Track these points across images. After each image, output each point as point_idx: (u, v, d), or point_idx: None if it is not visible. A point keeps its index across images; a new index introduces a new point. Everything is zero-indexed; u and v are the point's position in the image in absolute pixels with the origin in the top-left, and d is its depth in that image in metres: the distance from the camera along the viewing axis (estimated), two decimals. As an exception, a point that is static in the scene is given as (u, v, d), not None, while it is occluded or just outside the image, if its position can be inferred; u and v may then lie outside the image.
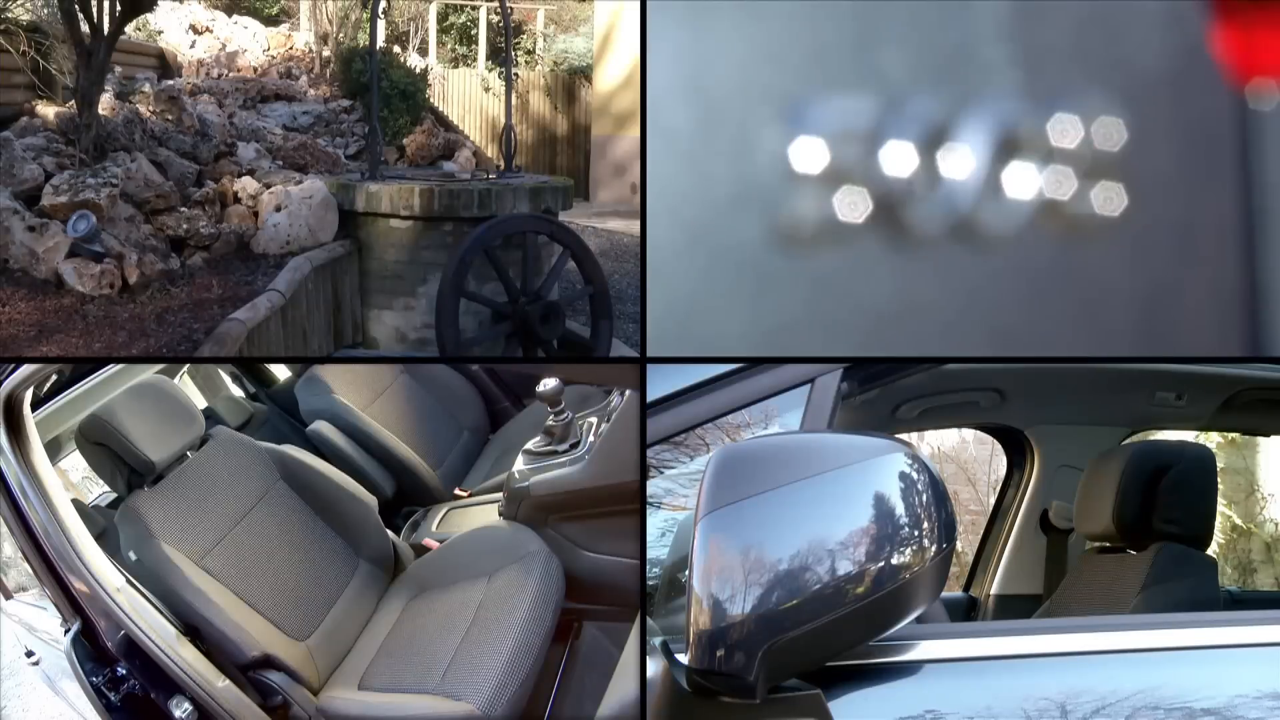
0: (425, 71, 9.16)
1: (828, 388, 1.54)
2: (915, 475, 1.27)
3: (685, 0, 1.41)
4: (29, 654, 3.16)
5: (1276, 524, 5.47)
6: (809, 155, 1.46)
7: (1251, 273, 1.80)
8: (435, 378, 4.16)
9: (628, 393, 2.70)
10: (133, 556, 2.51)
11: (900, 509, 1.26)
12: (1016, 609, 2.96)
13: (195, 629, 2.39)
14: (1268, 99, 1.80)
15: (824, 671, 1.31)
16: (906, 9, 1.57)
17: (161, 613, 2.36)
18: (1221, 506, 5.08)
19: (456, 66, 11.50)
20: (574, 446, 2.92)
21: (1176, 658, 1.51)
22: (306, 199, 4.90)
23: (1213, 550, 2.45)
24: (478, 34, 11.73)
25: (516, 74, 10.75)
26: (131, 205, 4.82)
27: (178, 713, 2.23)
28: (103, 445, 2.59)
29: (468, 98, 10.91)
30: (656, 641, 1.34)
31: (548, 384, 2.96)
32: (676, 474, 1.51)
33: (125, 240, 4.58)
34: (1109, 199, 1.67)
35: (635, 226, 8.69)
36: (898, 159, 1.51)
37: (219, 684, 2.28)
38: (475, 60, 11.68)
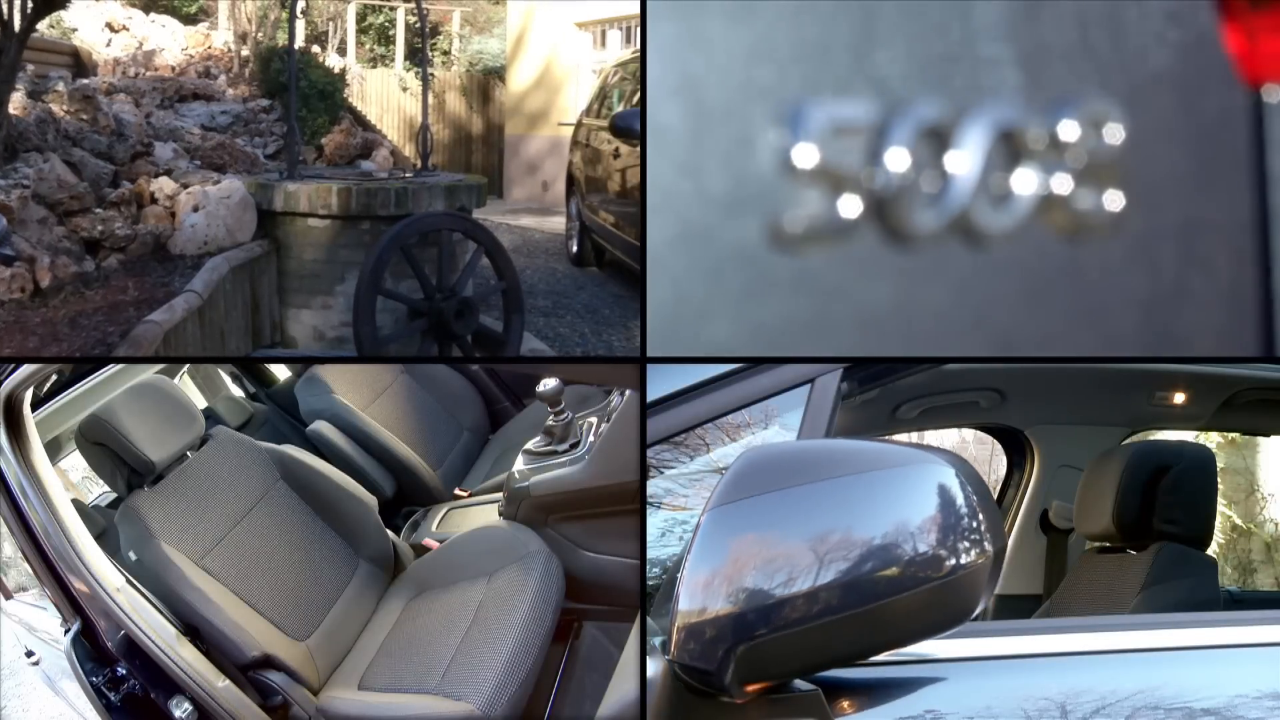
0: (344, 71, 9.17)
1: (828, 388, 1.53)
2: (941, 490, 1.20)
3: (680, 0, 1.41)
4: (29, 654, 3.16)
5: (1276, 524, 5.48)
6: (805, 154, 1.45)
7: (1266, 273, 1.78)
8: (435, 378, 4.16)
9: (628, 393, 2.70)
10: (133, 556, 2.51)
11: (909, 523, 1.19)
12: (1016, 609, 2.96)
13: (195, 629, 2.39)
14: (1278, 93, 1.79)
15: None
16: (906, 6, 1.56)
17: (161, 613, 2.36)
18: (1221, 506, 5.08)
19: (375, 66, 11.56)
20: (574, 446, 2.92)
21: (1176, 658, 1.51)
22: (224, 199, 4.86)
23: (1213, 550, 2.45)
24: (395, 34, 11.77)
25: (433, 74, 10.86)
26: (44, 207, 4.72)
27: (178, 713, 2.23)
28: (103, 445, 2.59)
29: (386, 97, 11.00)
30: (656, 641, 1.33)
31: (548, 384, 2.96)
32: (676, 474, 1.51)
33: (37, 243, 4.46)
34: (1115, 198, 1.66)
35: (547, 223, 8.78)
36: (897, 158, 1.51)
37: (219, 684, 2.28)
38: (393, 60, 11.74)
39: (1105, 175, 1.65)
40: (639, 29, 10.15)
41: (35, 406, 2.87)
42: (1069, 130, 1.62)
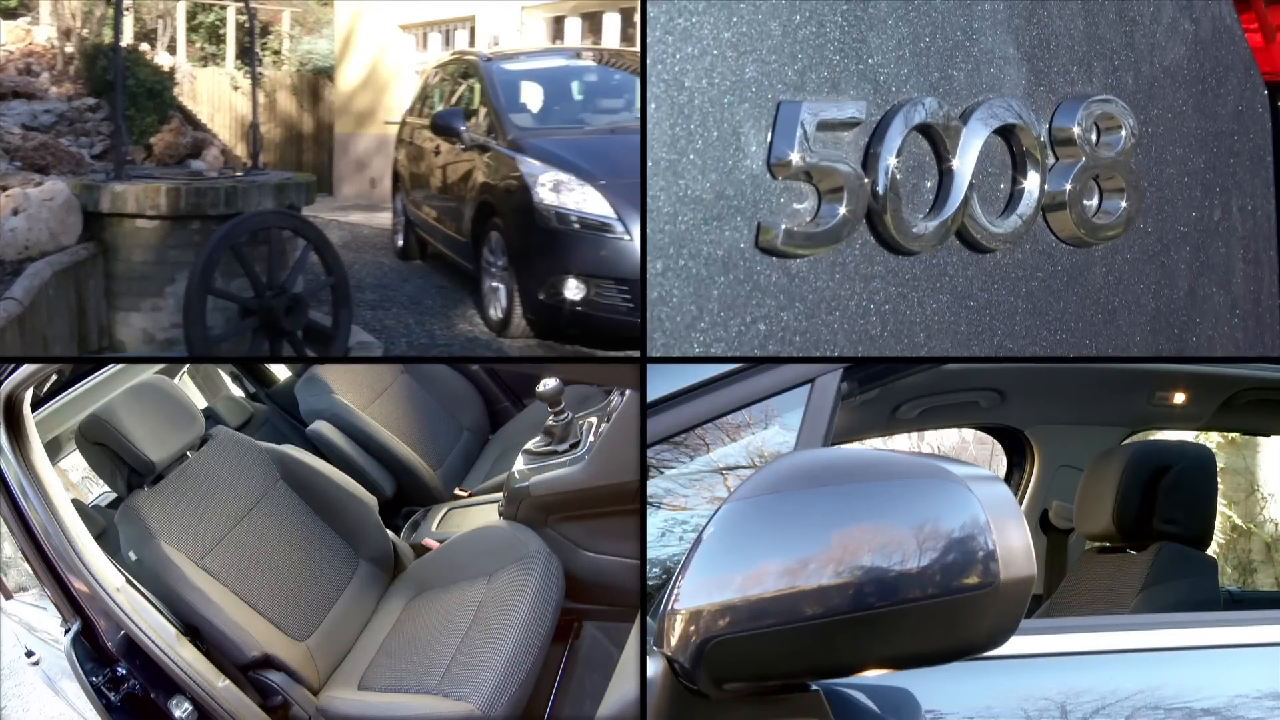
0: (173, 70, 9.04)
1: (828, 388, 1.53)
2: (950, 508, 1.12)
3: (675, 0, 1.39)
4: (29, 654, 3.16)
5: (1276, 524, 5.49)
6: (801, 154, 1.43)
7: None
8: (435, 378, 4.16)
9: (628, 393, 2.70)
10: (133, 556, 2.51)
11: (898, 538, 1.12)
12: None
13: (195, 629, 2.39)
14: None
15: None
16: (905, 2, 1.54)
17: (162, 613, 2.36)
18: (1221, 506, 5.09)
19: (206, 65, 11.45)
20: (574, 446, 2.92)
21: (1176, 658, 1.52)
22: (47, 201, 4.71)
23: (1213, 550, 2.46)
24: (226, 33, 11.67)
25: (262, 73, 10.80)
26: None
27: (178, 713, 2.23)
28: (103, 445, 2.59)
29: (217, 96, 10.97)
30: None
31: (548, 384, 2.96)
32: (676, 474, 1.50)
33: None
34: (1125, 201, 1.64)
35: (375, 219, 8.74)
36: (899, 158, 1.49)
37: (219, 684, 2.28)
38: (224, 60, 11.64)
39: (1114, 177, 1.63)
40: (466, 31, 10.24)
41: (35, 406, 2.87)
42: (1075, 130, 1.59)
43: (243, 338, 4.35)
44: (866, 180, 1.46)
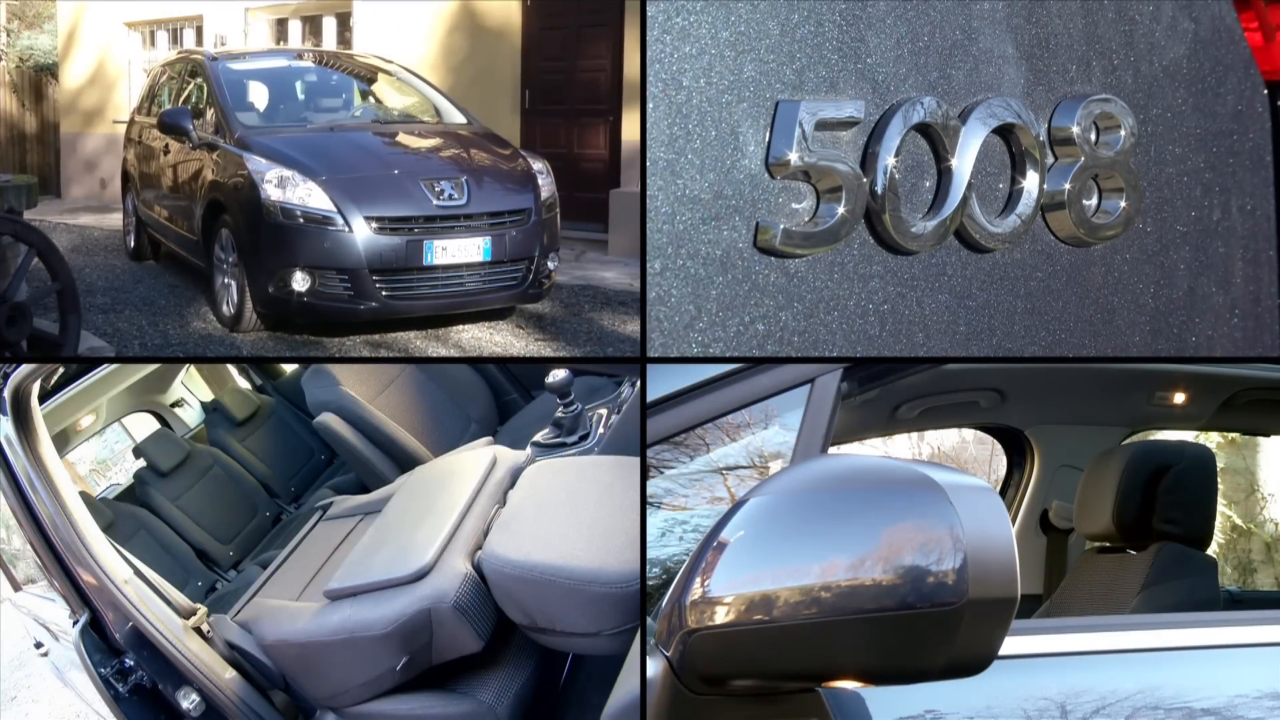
0: None
1: (828, 388, 1.53)
2: (922, 522, 1.07)
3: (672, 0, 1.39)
4: (38, 645, 3.18)
5: (1276, 524, 5.48)
6: (799, 154, 1.43)
7: None
8: (443, 369, 4.17)
9: (639, 384, 2.69)
10: None
11: (869, 549, 1.08)
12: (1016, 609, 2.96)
13: None
14: None
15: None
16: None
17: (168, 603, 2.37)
18: (1221, 506, 5.09)
19: None
20: (583, 439, 2.91)
21: (1176, 658, 1.52)
22: None
23: (1213, 550, 2.46)
24: None
25: None
26: None
27: (185, 704, 2.25)
28: None
29: None
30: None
31: (557, 375, 2.95)
32: (676, 474, 1.51)
33: None
34: (1130, 199, 1.64)
35: (106, 220, 8.50)
36: (898, 157, 1.49)
37: (225, 675, 2.30)
38: None
39: (1113, 177, 1.63)
40: (193, 30, 10.06)
41: (42, 400, 2.89)
42: (1075, 129, 1.59)
43: (-41, 353, 4.23)
44: (865, 180, 1.46)
